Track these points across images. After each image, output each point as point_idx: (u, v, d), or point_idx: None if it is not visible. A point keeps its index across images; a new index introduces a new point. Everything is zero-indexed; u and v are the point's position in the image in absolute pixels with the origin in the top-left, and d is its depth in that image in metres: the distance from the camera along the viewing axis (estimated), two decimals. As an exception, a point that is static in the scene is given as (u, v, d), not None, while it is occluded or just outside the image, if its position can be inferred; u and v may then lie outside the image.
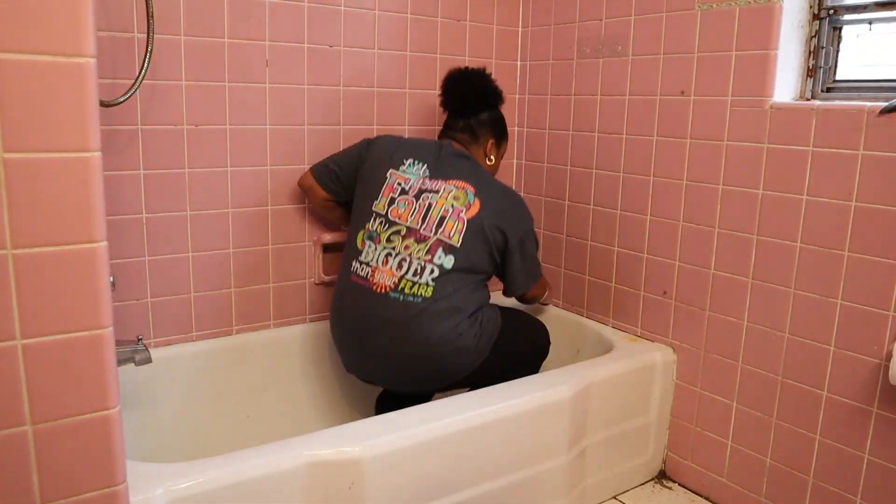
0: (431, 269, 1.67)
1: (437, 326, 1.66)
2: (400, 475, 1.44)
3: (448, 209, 1.71)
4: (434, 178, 1.76)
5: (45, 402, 0.97)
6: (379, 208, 1.76)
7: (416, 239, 1.70)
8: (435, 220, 1.71)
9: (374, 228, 1.75)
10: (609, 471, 1.89)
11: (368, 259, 1.73)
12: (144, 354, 1.60)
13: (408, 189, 1.76)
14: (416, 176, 1.77)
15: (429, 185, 1.75)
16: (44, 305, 0.95)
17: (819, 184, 1.58)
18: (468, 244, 1.70)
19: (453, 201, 1.72)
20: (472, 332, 1.70)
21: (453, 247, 1.69)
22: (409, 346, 1.67)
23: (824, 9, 1.67)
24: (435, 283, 1.67)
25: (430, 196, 1.73)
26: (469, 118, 1.88)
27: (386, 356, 1.71)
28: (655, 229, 1.97)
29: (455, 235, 1.69)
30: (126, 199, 1.73)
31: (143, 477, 1.21)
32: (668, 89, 1.89)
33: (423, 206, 1.73)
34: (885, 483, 1.53)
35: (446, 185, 1.75)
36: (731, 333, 1.80)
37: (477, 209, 1.72)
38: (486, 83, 1.89)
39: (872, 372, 1.53)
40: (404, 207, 1.74)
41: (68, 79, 0.91)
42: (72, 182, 0.94)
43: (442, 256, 1.68)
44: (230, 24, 1.80)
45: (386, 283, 1.69)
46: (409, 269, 1.68)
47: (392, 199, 1.75)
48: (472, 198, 1.73)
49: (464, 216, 1.71)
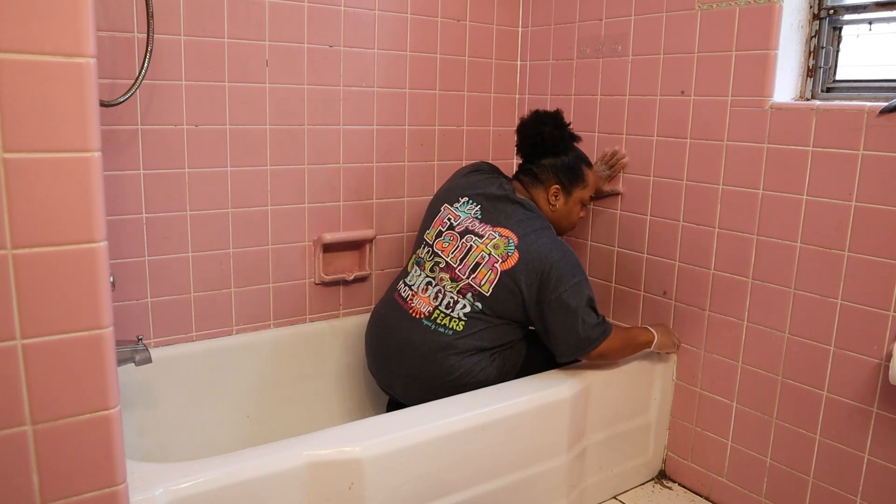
0: (463, 305, 1.71)
1: (462, 362, 1.70)
2: (400, 475, 1.44)
3: (485, 257, 1.71)
4: (484, 222, 1.76)
5: (45, 402, 0.97)
6: (428, 238, 1.83)
7: (451, 277, 1.74)
8: (470, 264, 1.72)
9: (423, 255, 1.81)
10: (609, 471, 1.89)
11: (412, 283, 1.80)
12: (144, 354, 1.60)
13: (455, 225, 1.80)
14: (467, 215, 1.80)
15: (476, 228, 1.76)
16: (44, 305, 0.95)
17: (819, 184, 1.58)
18: (498, 296, 1.69)
19: (492, 249, 1.71)
20: (496, 366, 1.74)
21: (483, 295, 1.70)
22: (433, 377, 1.70)
23: (824, 9, 1.67)
24: (467, 318, 1.70)
25: (472, 238, 1.75)
26: (533, 162, 1.86)
27: (411, 381, 1.75)
28: (655, 229, 1.97)
29: (486, 285, 1.70)
30: (126, 199, 1.73)
31: (143, 477, 1.21)
32: (668, 89, 1.89)
33: (464, 247, 1.75)
34: (885, 483, 1.53)
35: (492, 232, 1.74)
36: (731, 333, 1.80)
37: (514, 262, 1.68)
38: (548, 129, 1.81)
39: (872, 372, 1.53)
40: (448, 242, 1.78)
41: (68, 79, 0.91)
42: (72, 182, 0.94)
43: (472, 300, 1.71)
44: (230, 24, 1.80)
45: (422, 310, 1.74)
46: (443, 301, 1.72)
47: (440, 232, 1.81)
48: (511, 249, 1.70)
49: (498, 267, 1.69)
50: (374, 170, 2.13)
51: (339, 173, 2.06)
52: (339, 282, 2.13)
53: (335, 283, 2.12)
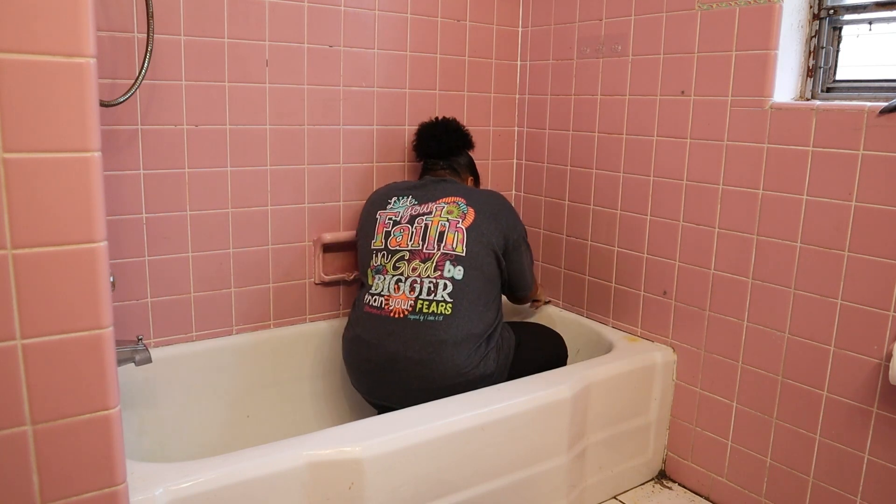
0: (444, 285, 1.71)
1: (456, 358, 1.68)
2: (400, 475, 1.44)
3: (444, 224, 1.77)
4: (422, 202, 1.84)
5: (45, 402, 0.97)
6: (377, 244, 1.83)
7: (421, 259, 1.74)
8: (434, 237, 1.76)
9: (379, 262, 1.80)
10: (609, 471, 1.89)
11: (379, 290, 1.77)
12: (144, 354, 1.60)
13: (399, 220, 1.83)
14: (404, 207, 1.85)
15: (419, 210, 1.82)
16: (44, 305, 0.95)
17: (819, 184, 1.58)
18: (472, 251, 1.75)
19: (447, 216, 1.78)
20: (492, 357, 1.73)
21: (459, 257, 1.73)
22: (431, 381, 1.68)
23: (824, 9, 1.67)
24: (452, 298, 1.70)
25: (423, 218, 1.80)
26: (448, 158, 1.98)
27: (409, 389, 1.71)
28: (655, 229, 1.97)
29: (458, 246, 1.74)
30: (126, 199, 1.73)
31: (143, 477, 1.21)
32: (668, 89, 1.89)
33: (419, 229, 1.78)
34: (885, 483, 1.53)
35: (436, 205, 1.81)
36: (731, 333, 1.80)
37: (472, 217, 1.78)
38: (459, 126, 2.02)
39: (872, 372, 1.53)
40: (401, 235, 1.80)
41: (68, 79, 0.91)
42: (72, 182, 0.94)
43: (451, 269, 1.72)
44: (230, 24, 1.80)
45: (402, 308, 1.72)
46: (422, 289, 1.72)
47: (387, 233, 1.82)
48: (464, 208, 1.80)
49: (461, 226, 1.76)
50: (374, 170, 2.13)
51: (339, 173, 2.06)
52: (339, 282, 2.13)
53: (335, 283, 2.12)
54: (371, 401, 1.84)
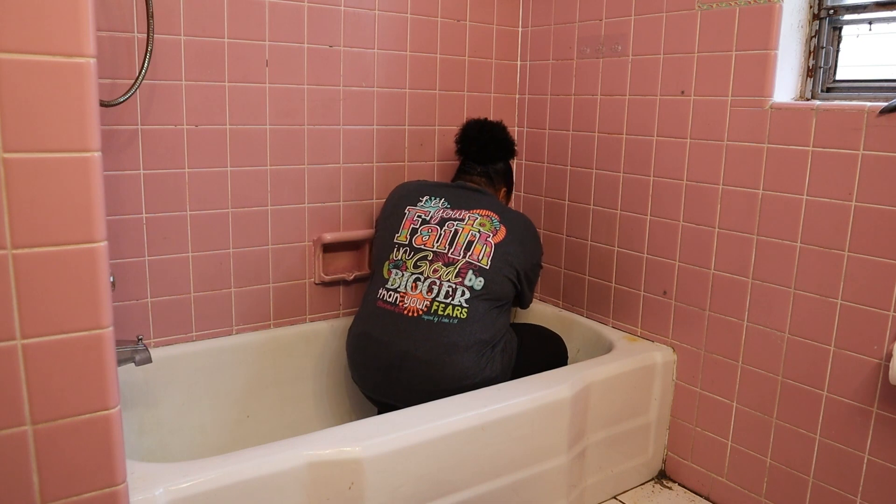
0: (462, 291, 1.72)
1: (464, 362, 1.69)
2: (400, 475, 1.44)
3: (475, 234, 1.79)
4: (455, 208, 1.84)
5: (45, 402, 0.97)
6: (401, 239, 1.83)
7: (444, 263, 1.75)
8: (462, 244, 1.77)
9: (399, 257, 1.80)
10: (609, 471, 1.89)
11: (396, 285, 1.77)
12: (144, 354, 1.60)
13: (428, 219, 1.83)
14: (436, 208, 1.86)
15: (451, 215, 1.83)
16: (44, 305, 0.95)
17: (819, 184, 1.58)
18: (496, 267, 1.77)
19: (479, 227, 1.80)
20: (497, 361, 1.74)
21: (483, 269, 1.75)
22: (436, 382, 1.69)
23: (824, 9, 1.67)
24: (468, 304, 1.72)
25: (455, 223, 1.81)
26: (486, 165, 1.97)
27: (414, 389, 1.72)
28: (655, 229, 1.97)
29: (484, 258, 1.76)
30: (126, 199, 1.73)
31: (143, 477, 1.21)
32: (668, 89, 1.89)
33: (448, 233, 1.79)
34: (885, 483, 1.53)
35: (470, 214, 1.82)
36: (731, 333, 1.80)
37: (503, 235, 1.81)
38: (505, 135, 2.00)
39: (872, 372, 1.53)
40: (428, 235, 1.80)
41: (68, 79, 0.91)
42: (72, 182, 0.94)
43: (472, 278, 1.74)
44: (230, 24, 1.80)
45: (417, 307, 1.72)
46: (440, 291, 1.73)
47: (414, 230, 1.82)
48: (497, 224, 1.82)
49: (491, 241, 1.78)
50: (374, 170, 2.13)
51: (339, 173, 2.06)
52: (339, 282, 2.13)
53: (335, 283, 2.12)
54: (373, 398, 1.84)
